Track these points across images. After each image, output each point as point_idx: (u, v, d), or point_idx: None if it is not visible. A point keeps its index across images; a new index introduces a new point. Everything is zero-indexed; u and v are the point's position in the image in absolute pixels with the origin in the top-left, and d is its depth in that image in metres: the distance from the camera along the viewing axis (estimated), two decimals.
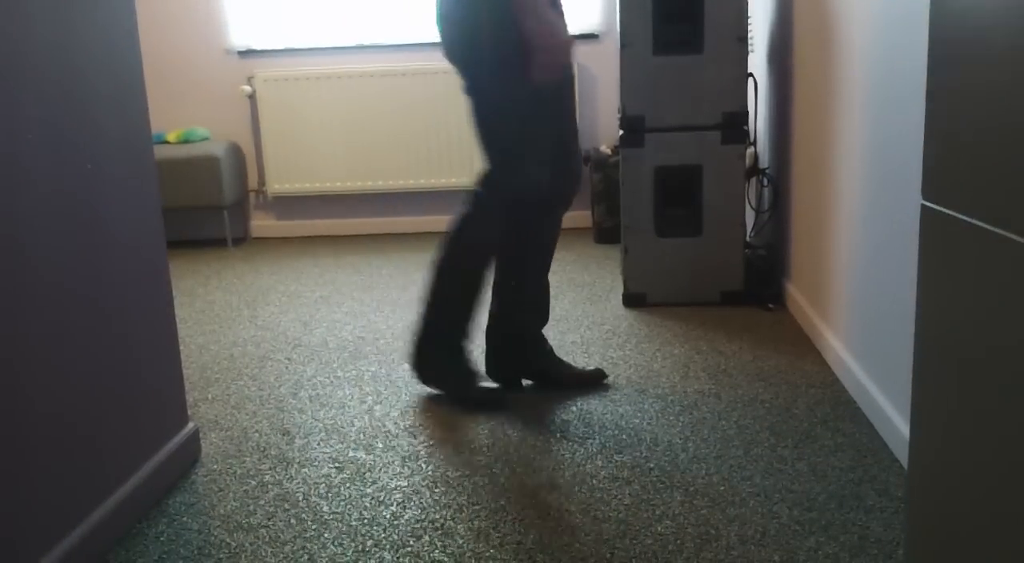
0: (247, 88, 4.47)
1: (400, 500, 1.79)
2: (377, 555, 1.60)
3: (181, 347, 2.86)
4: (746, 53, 2.91)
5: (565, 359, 2.54)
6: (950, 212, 0.99)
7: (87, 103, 1.64)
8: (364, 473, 1.92)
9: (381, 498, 1.81)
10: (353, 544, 1.64)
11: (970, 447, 0.96)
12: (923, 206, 1.06)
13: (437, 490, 1.83)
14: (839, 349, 2.35)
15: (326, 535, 1.67)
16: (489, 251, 2.26)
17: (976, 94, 0.91)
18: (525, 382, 2.38)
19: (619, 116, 3.02)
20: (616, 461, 1.92)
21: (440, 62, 4.36)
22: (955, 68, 0.97)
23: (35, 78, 1.48)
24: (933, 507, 1.07)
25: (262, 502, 1.81)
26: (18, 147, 1.43)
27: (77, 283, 1.59)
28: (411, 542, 1.64)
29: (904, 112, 1.84)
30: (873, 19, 2.04)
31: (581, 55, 4.39)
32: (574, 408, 2.21)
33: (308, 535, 1.68)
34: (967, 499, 0.97)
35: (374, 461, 1.97)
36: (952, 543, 1.02)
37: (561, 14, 2.16)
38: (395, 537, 1.66)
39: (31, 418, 1.45)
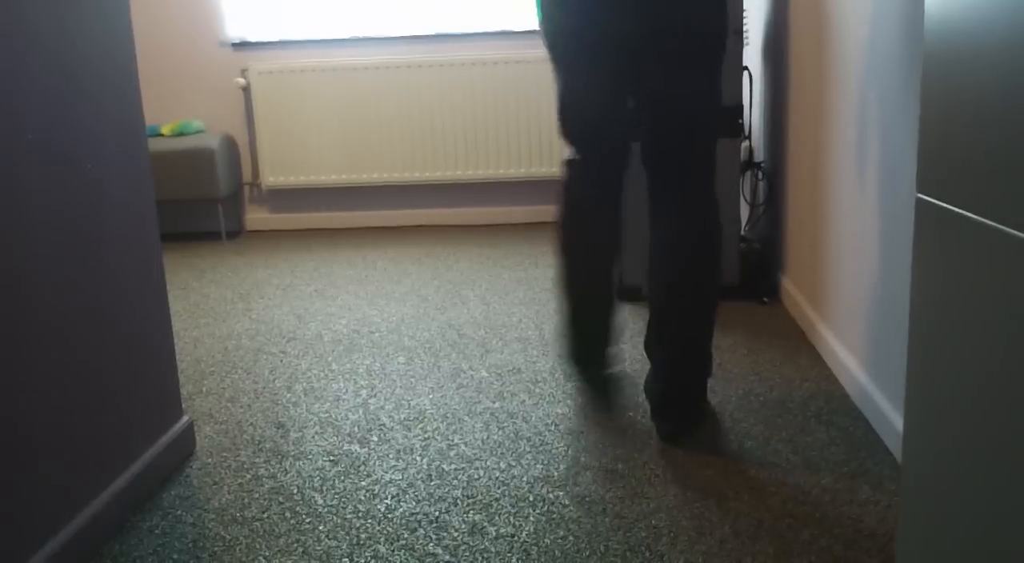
0: (241, 80, 4.46)
1: (395, 493, 1.79)
2: (372, 548, 1.60)
3: (175, 340, 2.86)
4: (741, 46, 2.91)
5: (560, 354, 2.55)
6: (945, 205, 0.99)
7: (83, 99, 1.63)
8: (359, 466, 1.92)
9: (376, 491, 1.81)
10: (348, 537, 1.64)
11: (964, 441, 0.96)
12: (918, 199, 1.06)
13: (432, 483, 1.83)
14: (833, 343, 2.35)
15: (320, 528, 1.67)
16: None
17: (971, 87, 0.91)
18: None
19: None
20: (610, 454, 1.92)
21: (437, 54, 4.35)
22: (950, 60, 0.96)
23: (32, 74, 1.48)
24: (926, 501, 1.07)
25: (256, 495, 1.81)
26: (17, 148, 1.42)
27: (72, 277, 1.59)
28: (405, 535, 1.64)
29: (899, 105, 1.84)
30: (868, 12, 2.04)
31: None
32: (568, 401, 2.21)
33: (303, 528, 1.68)
34: (960, 493, 0.97)
35: (369, 454, 1.97)
36: (945, 537, 1.02)
37: None
38: (390, 530, 1.66)
39: (26, 412, 1.45)
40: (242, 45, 4.46)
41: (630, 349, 2.57)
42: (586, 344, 2.10)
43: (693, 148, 1.96)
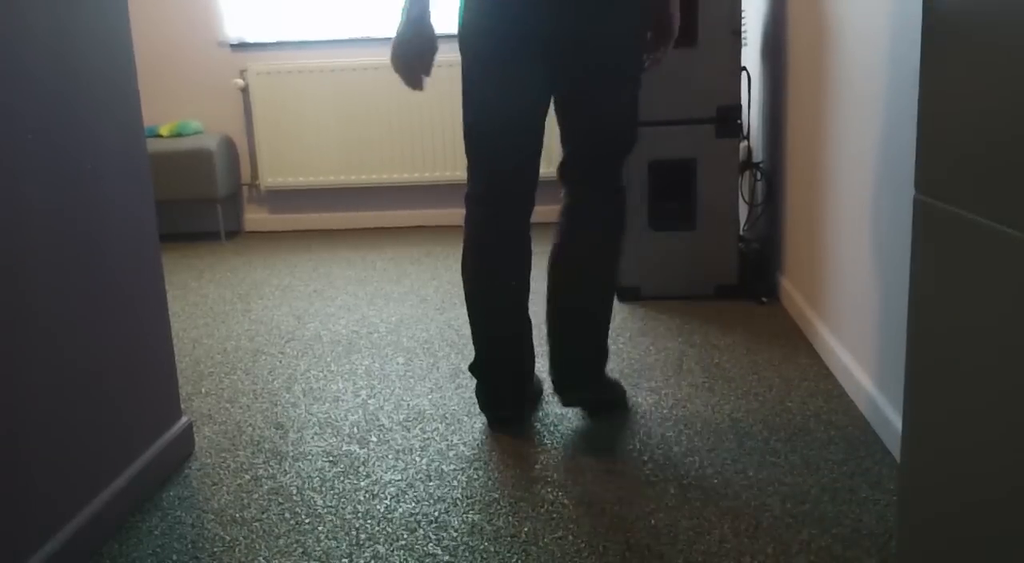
0: (240, 81, 4.46)
1: (394, 494, 1.79)
2: (371, 548, 1.60)
3: (174, 341, 2.86)
4: (740, 47, 2.91)
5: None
6: (943, 205, 0.99)
7: (82, 99, 1.63)
8: (358, 467, 1.92)
9: (375, 492, 1.81)
10: (347, 538, 1.64)
11: (962, 440, 0.96)
12: (916, 199, 1.06)
13: (431, 484, 1.83)
14: (832, 343, 2.35)
15: (320, 529, 1.67)
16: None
17: (969, 86, 0.92)
18: None
19: None
20: (610, 454, 1.92)
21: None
22: (948, 60, 0.97)
23: (31, 75, 1.48)
24: (925, 500, 1.07)
25: (256, 496, 1.81)
26: (17, 148, 1.42)
27: (71, 277, 1.59)
28: (405, 535, 1.64)
29: (897, 105, 1.84)
30: (867, 12, 2.04)
31: None
32: None
33: (302, 529, 1.68)
34: (959, 492, 0.97)
35: (368, 455, 1.97)
36: (943, 536, 1.02)
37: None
38: (389, 530, 1.66)
39: (25, 412, 1.45)
40: (241, 46, 4.46)
41: (629, 349, 2.57)
42: (502, 390, 2.09)
43: (617, 159, 2.00)
